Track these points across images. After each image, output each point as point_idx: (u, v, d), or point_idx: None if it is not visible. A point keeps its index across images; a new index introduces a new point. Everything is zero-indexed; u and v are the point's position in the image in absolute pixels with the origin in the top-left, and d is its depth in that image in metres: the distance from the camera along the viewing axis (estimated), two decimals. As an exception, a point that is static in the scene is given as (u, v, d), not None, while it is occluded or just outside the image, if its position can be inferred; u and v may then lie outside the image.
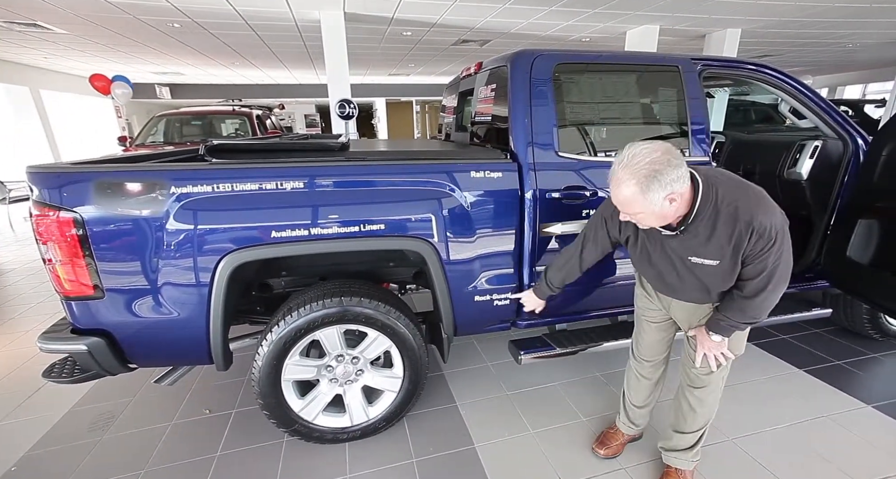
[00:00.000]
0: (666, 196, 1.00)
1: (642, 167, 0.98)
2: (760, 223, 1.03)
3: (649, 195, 0.99)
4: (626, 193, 1.02)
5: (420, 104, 15.95)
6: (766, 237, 1.04)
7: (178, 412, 1.95)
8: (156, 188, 1.30)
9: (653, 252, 1.26)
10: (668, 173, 0.98)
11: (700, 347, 1.30)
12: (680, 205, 1.06)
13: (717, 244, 1.10)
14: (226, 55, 7.62)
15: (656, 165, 0.97)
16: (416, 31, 6.02)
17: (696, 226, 1.10)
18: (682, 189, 1.02)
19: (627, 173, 1.00)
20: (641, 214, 1.06)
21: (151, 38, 6.07)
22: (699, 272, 1.18)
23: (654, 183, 0.98)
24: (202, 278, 1.39)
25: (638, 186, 0.99)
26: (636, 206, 1.04)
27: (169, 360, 1.59)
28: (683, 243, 1.15)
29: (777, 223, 1.04)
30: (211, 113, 6.30)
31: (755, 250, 1.07)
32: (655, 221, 1.09)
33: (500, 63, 1.83)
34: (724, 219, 1.06)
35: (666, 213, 1.05)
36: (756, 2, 4.81)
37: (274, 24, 5.40)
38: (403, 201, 1.50)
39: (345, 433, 1.69)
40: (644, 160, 0.98)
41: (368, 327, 1.59)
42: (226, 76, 10.50)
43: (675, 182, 0.99)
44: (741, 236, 1.06)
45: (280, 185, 1.40)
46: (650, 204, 1.02)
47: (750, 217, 1.04)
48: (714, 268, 1.14)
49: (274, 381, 1.55)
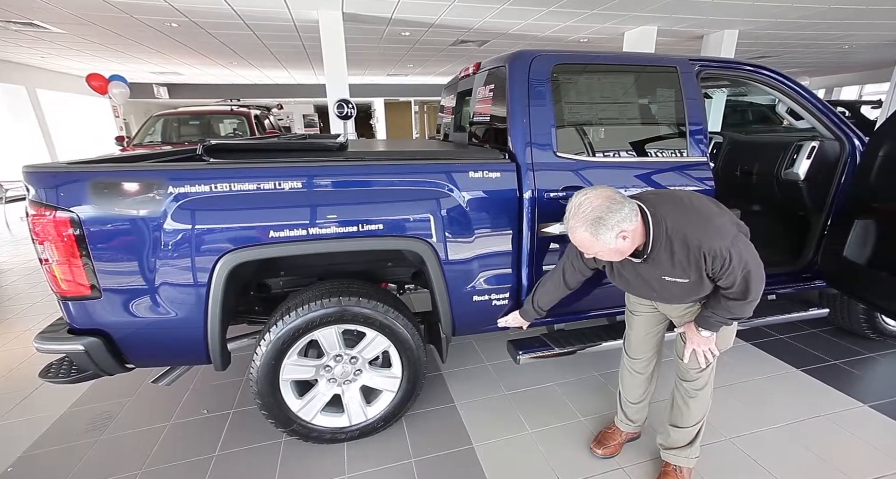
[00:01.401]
0: (617, 235, 1.11)
1: (588, 215, 1.10)
2: (710, 248, 1.12)
3: (601, 237, 1.11)
4: (580, 238, 1.15)
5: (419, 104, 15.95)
6: (720, 258, 1.12)
7: (175, 412, 1.95)
8: (153, 188, 1.29)
9: (629, 276, 1.34)
10: (611, 217, 1.09)
11: (689, 342, 1.36)
12: (633, 238, 1.16)
13: (680, 266, 1.19)
14: (224, 55, 7.61)
15: (598, 211, 1.09)
16: (414, 32, 6.03)
17: (656, 253, 1.20)
18: (630, 226, 1.12)
19: (578, 222, 1.13)
20: (601, 252, 1.17)
21: (149, 38, 6.06)
22: (674, 287, 1.27)
23: (601, 227, 1.10)
24: (200, 278, 1.38)
25: (588, 232, 1.11)
26: (594, 247, 1.15)
27: (167, 360, 1.58)
28: (651, 267, 1.24)
29: (725, 245, 1.12)
30: (209, 113, 6.29)
31: (716, 269, 1.15)
32: (616, 256, 1.19)
33: (498, 63, 1.83)
34: (677, 246, 1.16)
35: (622, 248, 1.15)
36: (753, 3, 4.83)
37: (272, 23, 5.39)
38: (401, 201, 1.50)
39: (343, 433, 1.69)
40: (588, 209, 1.11)
41: (367, 327, 1.59)
42: (224, 76, 10.48)
43: (621, 222, 1.10)
44: (697, 259, 1.15)
45: (278, 185, 1.40)
46: (604, 244, 1.13)
47: (699, 242, 1.13)
48: (686, 283, 1.23)
49: (272, 381, 1.55)
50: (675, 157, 1.84)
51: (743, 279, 1.16)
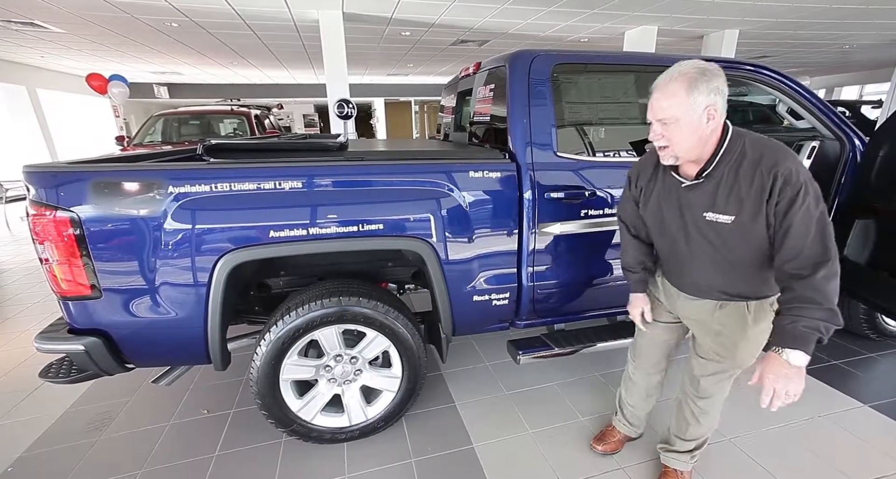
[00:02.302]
0: (707, 106, 0.99)
1: (690, 70, 0.99)
2: (786, 168, 0.96)
3: (693, 96, 0.98)
4: (671, 89, 1.00)
5: (419, 104, 15.95)
6: (793, 183, 0.95)
7: (175, 412, 1.95)
8: (153, 188, 1.29)
9: (667, 212, 1.17)
10: (714, 81, 0.98)
11: (766, 379, 0.95)
12: (711, 134, 1.03)
13: (736, 196, 1.02)
14: (224, 55, 7.61)
15: (706, 72, 0.98)
16: (414, 31, 6.02)
17: (718, 172, 1.05)
18: (720, 107, 1.00)
19: (675, 74, 1.00)
20: (675, 123, 1.01)
21: (149, 38, 6.06)
22: (711, 236, 1.09)
23: (701, 84, 0.97)
24: (200, 278, 1.38)
25: (684, 84, 0.98)
26: (675, 108, 1.00)
27: (167, 360, 1.58)
28: (700, 197, 1.08)
29: (803, 171, 0.97)
30: (209, 113, 6.29)
31: (785, 199, 0.96)
32: (685, 139, 1.02)
33: (498, 63, 1.83)
34: (746, 166, 1.01)
35: (700, 129, 1.01)
36: (754, 3, 4.83)
37: (272, 23, 5.39)
38: (402, 201, 1.50)
39: (343, 433, 1.69)
40: (692, 66, 1.00)
41: (367, 326, 1.59)
42: (224, 76, 10.49)
43: (717, 94, 0.98)
44: (763, 185, 0.98)
45: (278, 184, 1.40)
46: (690, 107, 0.99)
47: (773, 162, 0.98)
48: (729, 227, 1.05)
49: (272, 381, 1.55)
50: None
51: (820, 224, 0.95)
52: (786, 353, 0.93)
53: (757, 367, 1.00)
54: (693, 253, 1.17)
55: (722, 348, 1.26)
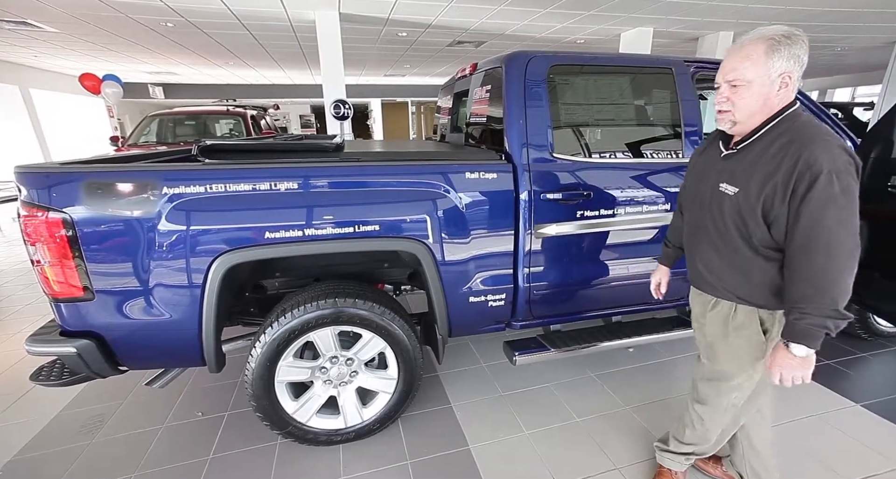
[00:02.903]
0: (782, 73, 0.94)
1: (775, 32, 0.94)
2: (813, 153, 0.90)
3: (772, 59, 0.93)
4: (748, 50, 0.95)
5: (416, 105, 15.94)
6: (814, 170, 0.89)
7: (170, 414, 1.93)
8: (147, 189, 1.28)
9: (700, 185, 1.16)
10: (796, 47, 0.93)
11: (773, 366, 1.04)
12: (777, 104, 0.98)
13: (751, 171, 0.99)
14: (220, 55, 7.58)
15: (792, 36, 0.93)
16: (411, 32, 6.03)
17: (756, 146, 1.01)
18: (794, 77, 0.95)
19: (757, 36, 0.96)
20: (746, 86, 0.97)
21: (144, 38, 6.02)
22: (714, 208, 1.08)
23: (782, 48, 0.92)
24: (195, 280, 1.37)
25: (765, 46, 0.94)
26: (749, 70, 0.95)
27: (160, 362, 1.57)
28: (728, 167, 1.06)
29: (838, 161, 0.89)
30: (205, 113, 6.25)
31: (802, 186, 0.91)
32: (750, 104, 0.98)
33: (494, 64, 1.83)
34: (778, 146, 0.96)
35: (769, 95, 0.96)
36: (747, 6, 4.87)
37: (268, 24, 5.38)
38: (398, 202, 1.50)
39: (339, 435, 1.69)
40: (780, 30, 0.94)
41: (363, 328, 1.58)
42: (220, 76, 10.44)
43: (796, 63, 0.93)
44: (780, 162, 0.94)
45: (274, 185, 1.39)
46: (766, 70, 0.94)
47: (803, 145, 0.92)
48: (730, 199, 1.03)
49: (267, 383, 1.54)
50: (670, 158, 1.85)
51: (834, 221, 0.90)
52: (791, 346, 0.98)
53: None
54: (701, 223, 1.14)
55: (708, 350, 1.26)
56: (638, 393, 2.01)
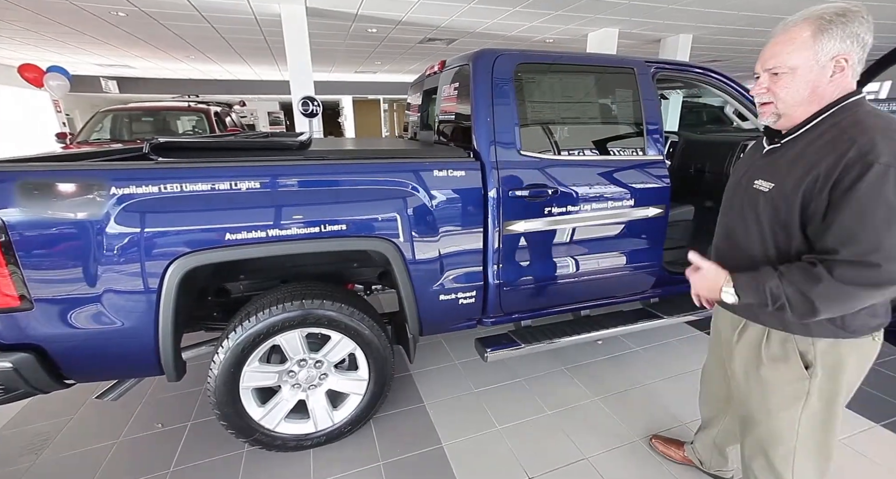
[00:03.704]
0: (836, 55, 0.78)
1: (826, 10, 0.78)
2: (869, 141, 0.74)
3: (822, 39, 0.77)
4: (792, 33, 0.81)
5: (388, 102, 15.77)
6: (867, 159, 0.73)
7: (126, 427, 1.82)
8: (93, 189, 1.20)
9: (737, 180, 1.01)
10: (853, 25, 0.76)
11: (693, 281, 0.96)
12: (831, 91, 0.82)
13: (790, 166, 0.84)
14: (179, 48, 7.21)
15: (848, 12, 0.77)
16: (381, 28, 5.94)
17: (800, 138, 0.87)
18: (853, 59, 0.79)
19: (803, 17, 0.81)
20: (790, 74, 0.82)
21: (93, 28, 5.64)
22: (749, 209, 0.92)
23: (835, 27, 0.77)
24: (149, 285, 1.30)
25: (812, 27, 0.78)
26: (794, 55, 0.80)
27: (113, 373, 1.48)
28: (768, 162, 0.92)
29: (892, 156, 0.72)
30: (164, 109, 5.93)
31: (851, 175, 0.74)
32: (796, 92, 0.83)
33: (462, 62, 1.83)
34: (830, 137, 0.80)
35: (819, 81, 0.81)
36: (704, 10, 5.10)
37: (231, 17, 5.16)
38: (365, 201, 1.47)
39: (309, 440, 1.65)
40: (832, 7, 0.79)
41: (331, 329, 1.55)
42: (180, 70, 9.94)
43: (855, 42, 0.77)
44: (827, 156, 0.78)
45: (234, 185, 1.34)
46: (815, 53, 0.79)
47: (859, 132, 0.77)
48: (764, 196, 0.88)
49: (231, 389, 1.48)
50: (634, 155, 1.90)
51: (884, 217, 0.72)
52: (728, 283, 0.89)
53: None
54: (731, 236, 0.99)
55: (739, 389, 1.04)
56: (606, 384, 2.07)
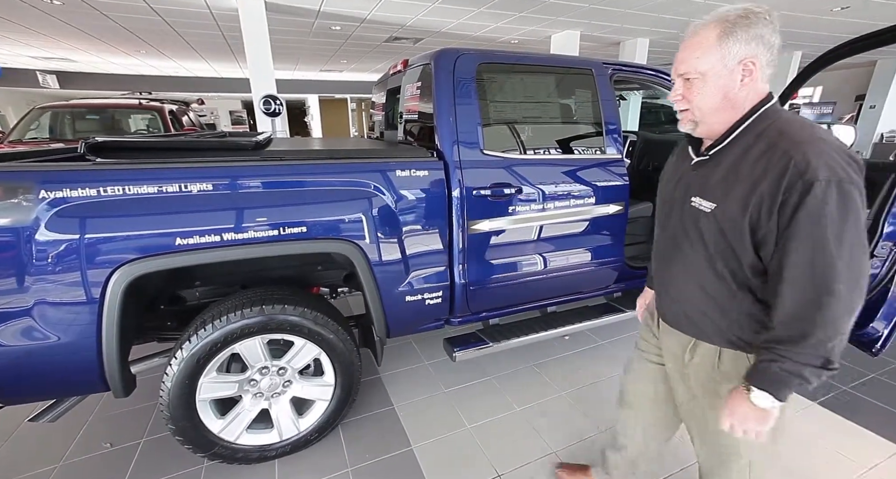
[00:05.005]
0: (743, 58, 0.77)
1: (731, 12, 0.78)
2: (803, 155, 0.71)
3: (727, 43, 0.77)
4: (699, 38, 0.80)
5: (356, 101, 15.53)
6: (807, 177, 0.70)
7: (68, 450, 1.69)
8: (18, 192, 1.10)
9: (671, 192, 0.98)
10: (758, 27, 0.75)
11: (727, 413, 0.83)
12: (744, 98, 0.81)
13: (729, 181, 0.80)
14: (127, 42, 6.77)
15: (751, 14, 0.76)
16: (345, 26, 5.83)
17: (731, 151, 0.83)
18: (762, 62, 0.77)
19: (710, 19, 0.80)
20: (700, 79, 0.81)
21: (21, 16, 5.18)
22: (691, 227, 0.89)
23: (739, 30, 0.76)
24: (90, 295, 1.21)
25: (718, 30, 0.77)
26: (702, 59, 0.79)
27: (49, 393, 1.36)
28: (699, 177, 0.89)
29: (836, 166, 0.70)
30: (112, 106, 5.53)
31: (793, 198, 0.71)
32: (707, 98, 0.82)
33: (424, 61, 1.82)
34: (760, 149, 0.78)
35: (729, 87, 0.79)
36: (659, 15, 5.35)
37: (184, 10, 4.89)
38: (325, 202, 1.43)
39: (273, 450, 1.59)
40: (735, 11, 0.78)
41: (294, 335, 1.50)
42: (130, 66, 9.34)
43: (761, 45, 0.76)
44: (767, 168, 0.75)
45: (184, 187, 1.26)
46: (721, 58, 0.78)
47: (792, 145, 0.74)
48: (707, 217, 0.84)
49: (187, 402, 1.40)
50: (595, 154, 1.96)
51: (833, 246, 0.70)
52: (753, 392, 0.78)
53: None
54: (674, 251, 0.95)
55: (691, 414, 0.99)
56: (573, 379, 2.13)
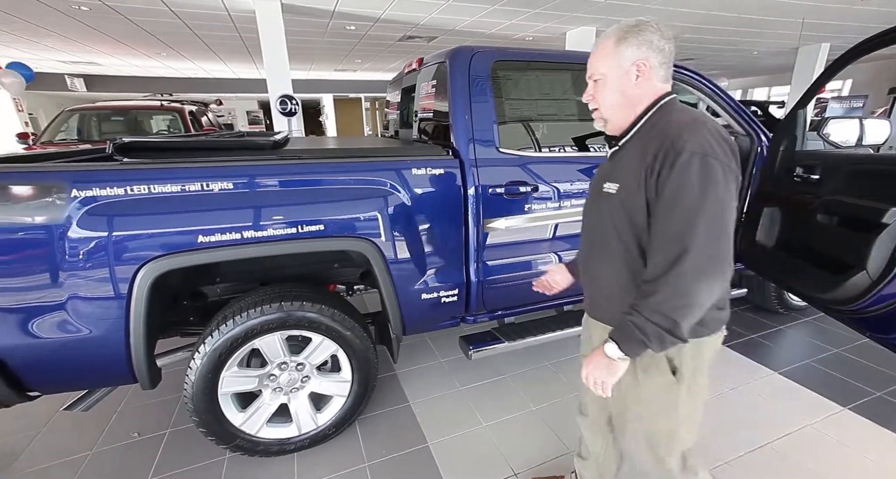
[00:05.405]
0: (636, 60, 0.88)
1: (628, 24, 0.89)
2: (678, 133, 0.82)
3: (621, 47, 0.88)
4: (601, 45, 0.91)
5: (370, 101, 15.62)
6: (678, 148, 0.79)
7: (99, 438, 1.76)
8: (52, 192, 1.15)
9: (592, 187, 1.06)
10: (646, 34, 0.87)
11: (586, 362, 0.91)
12: (640, 96, 0.91)
13: (629, 164, 0.90)
14: (149, 45, 6.95)
15: (640, 24, 0.88)
16: (360, 26, 5.87)
17: (632, 141, 0.93)
18: (653, 64, 0.88)
19: (611, 30, 0.91)
20: (603, 80, 0.92)
21: (53, 22, 5.37)
22: (605, 213, 0.95)
23: (632, 37, 0.87)
24: (118, 290, 1.25)
25: (615, 37, 0.89)
26: (603, 62, 0.91)
27: (82, 383, 1.42)
28: (609, 167, 0.99)
29: (696, 145, 0.79)
30: (135, 108, 5.71)
31: (665, 166, 0.81)
32: (609, 96, 0.92)
33: (439, 59, 1.82)
34: (653, 135, 0.88)
35: (626, 86, 0.90)
36: (676, 10, 5.23)
37: (203, 13, 5.00)
38: (343, 201, 1.45)
39: (292, 444, 1.62)
40: (633, 21, 0.89)
41: (312, 331, 1.53)
42: (152, 68, 9.60)
43: (650, 49, 0.87)
44: (657, 151, 0.84)
45: (206, 186, 1.30)
46: (618, 60, 0.89)
47: (676, 131, 0.83)
48: (612, 198, 0.92)
49: (210, 396, 1.45)
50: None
51: (689, 215, 0.78)
52: (607, 342, 0.87)
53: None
54: (593, 244, 1.01)
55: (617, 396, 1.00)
56: (588, 377, 2.11)
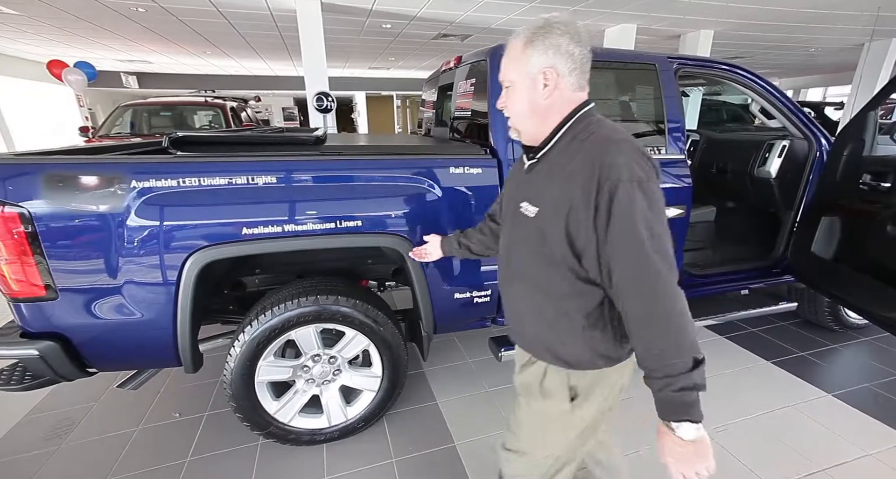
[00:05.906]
0: (543, 68, 0.79)
1: (534, 24, 0.80)
2: (608, 157, 0.74)
3: (528, 52, 0.79)
4: (509, 49, 0.83)
5: (401, 99, 15.77)
6: (609, 183, 0.73)
7: (145, 416, 1.86)
8: (114, 182, 1.22)
9: (508, 199, 0.97)
10: (553, 37, 0.78)
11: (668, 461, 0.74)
12: (550, 107, 0.82)
13: (550, 186, 0.82)
14: (196, 44, 7.30)
15: (547, 24, 0.79)
16: (395, 24, 5.92)
17: (548, 155, 0.85)
18: (563, 72, 0.79)
19: (522, 30, 0.82)
20: (512, 87, 0.84)
21: (113, 23, 5.74)
22: (522, 234, 0.89)
23: (536, 40, 0.79)
24: (168, 277, 1.32)
25: (523, 39, 0.80)
26: (512, 68, 0.83)
27: (133, 363, 1.51)
28: (526, 183, 0.90)
29: (630, 171, 0.73)
30: (181, 104, 6.02)
31: (605, 202, 0.73)
32: (517, 106, 0.85)
33: (479, 57, 1.81)
34: (570, 153, 0.81)
35: (533, 96, 0.82)
36: (727, 4, 4.95)
37: (248, 13, 5.20)
38: (380, 197, 1.46)
39: (322, 435, 1.66)
40: (540, 21, 0.80)
41: (346, 325, 1.55)
42: (197, 66, 10.07)
43: (558, 55, 0.78)
44: (576, 178, 0.77)
45: (251, 179, 1.34)
46: (526, 66, 0.80)
47: (594, 150, 0.77)
48: (529, 222, 0.85)
49: (247, 383, 1.50)
50: (654, 154, 1.86)
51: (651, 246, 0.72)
52: (676, 427, 0.73)
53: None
54: (510, 262, 0.94)
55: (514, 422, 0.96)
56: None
